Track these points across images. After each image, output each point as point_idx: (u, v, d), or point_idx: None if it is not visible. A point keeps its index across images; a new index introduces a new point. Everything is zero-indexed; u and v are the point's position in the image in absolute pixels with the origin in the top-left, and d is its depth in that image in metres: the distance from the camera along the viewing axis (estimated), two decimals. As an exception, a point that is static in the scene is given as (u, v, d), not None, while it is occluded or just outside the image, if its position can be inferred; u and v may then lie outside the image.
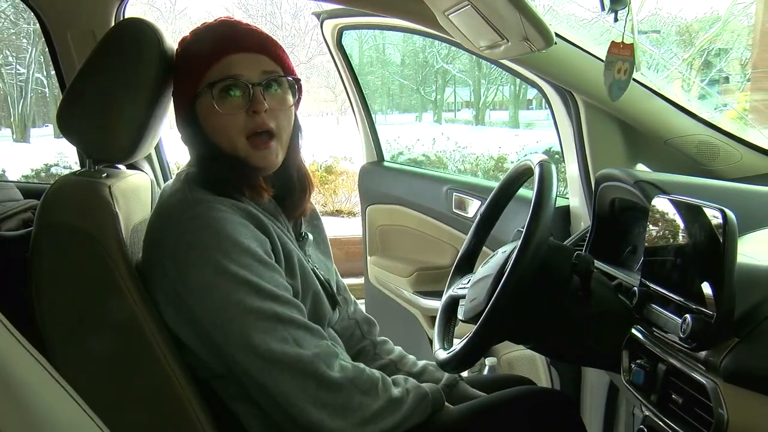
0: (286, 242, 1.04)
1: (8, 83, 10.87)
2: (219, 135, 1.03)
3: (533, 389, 1.23)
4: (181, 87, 1.06)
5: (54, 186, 1.00)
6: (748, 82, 8.58)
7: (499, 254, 1.10)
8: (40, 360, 0.57)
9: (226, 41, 1.03)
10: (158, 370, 0.96)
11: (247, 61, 1.02)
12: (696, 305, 0.84)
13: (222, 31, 1.05)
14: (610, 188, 1.24)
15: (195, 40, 1.07)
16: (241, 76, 1.01)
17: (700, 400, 0.83)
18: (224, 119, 1.01)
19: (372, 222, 2.30)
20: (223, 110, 1.00)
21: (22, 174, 6.84)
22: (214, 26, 1.07)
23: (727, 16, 8.63)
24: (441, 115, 11.91)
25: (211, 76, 1.01)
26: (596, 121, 1.52)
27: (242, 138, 1.01)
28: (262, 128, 1.01)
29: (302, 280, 1.05)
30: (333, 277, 1.21)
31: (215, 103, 1.00)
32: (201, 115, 1.04)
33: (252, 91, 1.00)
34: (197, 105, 1.03)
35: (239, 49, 1.02)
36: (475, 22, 1.11)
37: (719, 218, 0.80)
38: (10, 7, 10.17)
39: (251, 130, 1.01)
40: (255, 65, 1.02)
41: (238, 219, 0.97)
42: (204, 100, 1.02)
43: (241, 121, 1.01)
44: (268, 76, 1.03)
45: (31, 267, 0.96)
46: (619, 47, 1.19)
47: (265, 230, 1.00)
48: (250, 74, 1.01)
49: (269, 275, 0.95)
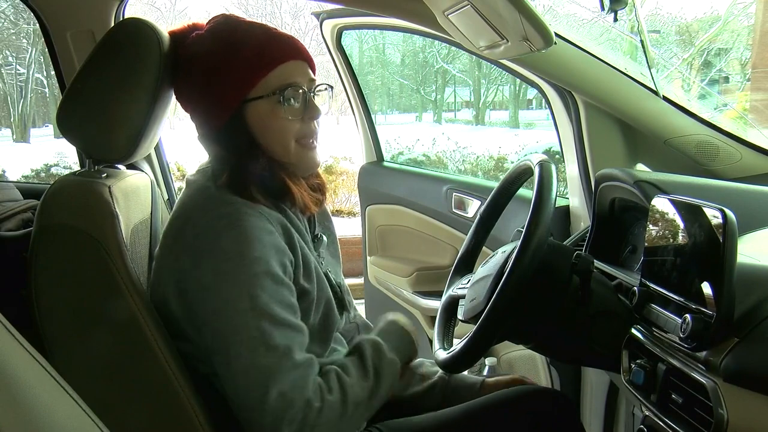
0: (304, 247, 1.04)
1: (8, 83, 10.88)
2: (273, 140, 1.04)
3: (531, 389, 1.23)
4: (228, 89, 1.03)
5: (54, 186, 1.00)
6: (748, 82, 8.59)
7: (498, 254, 1.10)
8: (40, 360, 0.57)
9: (284, 47, 1.04)
10: (158, 369, 0.96)
11: (300, 69, 1.05)
12: (696, 305, 0.84)
13: (272, 36, 1.05)
14: (610, 188, 1.24)
15: (241, 42, 1.03)
16: (300, 84, 1.03)
17: (700, 400, 0.83)
18: (283, 124, 1.03)
19: (372, 222, 2.30)
20: (285, 116, 1.02)
21: (22, 174, 6.85)
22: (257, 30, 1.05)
23: (727, 16, 8.64)
24: (441, 115, 11.92)
25: (272, 82, 1.02)
26: (596, 121, 1.52)
27: (294, 143, 1.04)
28: (313, 135, 1.06)
29: (318, 286, 1.05)
30: (343, 280, 1.21)
31: (281, 109, 1.02)
32: (253, 119, 1.03)
33: (308, 98, 1.04)
34: (248, 108, 1.03)
35: (294, 56, 1.04)
36: (475, 22, 1.11)
37: (719, 218, 0.80)
38: (10, 7, 10.17)
39: (304, 135, 1.05)
40: (305, 72, 1.05)
41: (264, 225, 0.97)
42: (259, 105, 1.02)
43: (297, 127, 1.04)
44: (314, 84, 1.06)
45: (31, 267, 0.95)
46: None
47: (290, 238, 1.01)
48: (303, 81, 1.04)
49: (274, 290, 0.94)
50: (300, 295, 1.01)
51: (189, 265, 0.96)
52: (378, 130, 2.35)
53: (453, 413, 1.11)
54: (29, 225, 1.10)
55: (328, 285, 1.09)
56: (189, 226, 0.98)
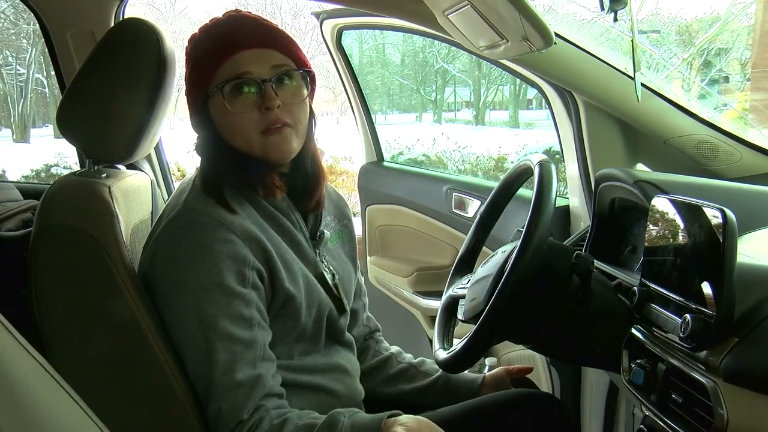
0: (287, 251, 1.03)
1: (8, 83, 10.88)
2: (233, 135, 1.01)
3: (528, 392, 1.23)
4: (193, 88, 1.04)
5: (53, 186, 1.00)
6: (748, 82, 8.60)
7: (498, 254, 1.10)
8: (40, 360, 0.57)
9: (233, 38, 1.01)
10: (157, 369, 0.96)
11: (256, 57, 1.00)
12: (696, 305, 0.84)
13: (228, 27, 1.03)
14: (609, 188, 1.24)
15: (203, 37, 1.05)
16: (251, 73, 0.99)
17: (700, 399, 0.83)
18: (237, 118, 1.00)
19: (372, 222, 2.30)
20: (235, 109, 0.99)
21: (22, 174, 6.84)
22: (220, 22, 1.05)
23: (727, 16, 8.63)
24: (441, 115, 11.91)
25: (221, 76, 1.00)
26: (596, 121, 1.52)
27: (257, 135, 1.00)
28: (276, 124, 1.00)
29: (307, 289, 1.04)
30: (350, 281, 1.18)
31: (227, 103, 0.99)
32: (214, 116, 1.02)
33: (263, 87, 0.99)
34: (210, 105, 1.02)
35: (247, 45, 1.00)
36: (475, 22, 1.11)
37: (719, 218, 0.80)
38: (10, 8, 10.17)
39: (266, 126, 1.00)
40: (264, 61, 1.01)
41: (221, 235, 0.95)
42: (216, 100, 1.01)
43: (255, 118, 1.00)
44: (279, 71, 1.01)
45: (31, 267, 0.96)
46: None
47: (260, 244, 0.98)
48: (260, 70, 1.00)
49: (223, 304, 0.94)
50: (286, 300, 1.01)
51: (151, 271, 0.99)
52: (378, 130, 2.35)
53: (450, 413, 1.11)
54: (29, 225, 1.10)
55: (322, 287, 1.07)
56: (158, 231, 1.00)
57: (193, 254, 0.95)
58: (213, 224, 0.96)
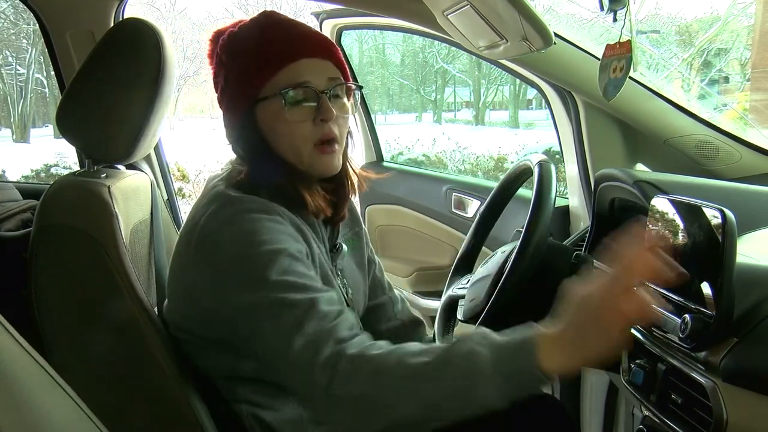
0: (321, 254, 1.00)
1: (8, 83, 10.88)
2: (284, 142, 0.98)
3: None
4: (241, 88, 0.99)
5: (53, 186, 1.00)
6: (748, 82, 8.60)
7: (498, 254, 1.10)
8: (39, 360, 0.57)
9: (298, 44, 0.97)
10: (157, 369, 0.96)
11: (315, 67, 0.97)
12: (695, 305, 0.84)
13: (289, 32, 0.99)
14: (609, 188, 1.24)
15: (255, 37, 0.99)
16: (310, 83, 0.96)
17: (700, 400, 0.83)
18: (292, 127, 0.96)
19: (371, 222, 2.30)
20: (292, 118, 0.96)
21: (22, 174, 6.85)
22: (274, 24, 1.00)
23: (727, 16, 8.64)
24: (441, 115, 11.92)
25: (281, 81, 0.96)
26: (596, 121, 1.53)
27: (309, 145, 0.97)
28: (328, 137, 0.97)
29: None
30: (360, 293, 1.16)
31: (285, 111, 0.96)
32: (263, 120, 0.98)
33: (321, 98, 0.96)
34: (258, 108, 0.98)
35: (310, 53, 0.97)
36: (474, 22, 1.11)
37: (719, 218, 0.80)
38: (9, 8, 10.17)
39: (319, 138, 0.97)
40: (322, 71, 0.98)
41: (273, 217, 0.92)
42: (270, 105, 0.97)
43: (309, 129, 0.96)
44: (334, 83, 0.99)
45: (30, 267, 0.96)
46: (615, 48, 1.17)
47: (305, 236, 0.96)
48: (318, 81, 0.97)
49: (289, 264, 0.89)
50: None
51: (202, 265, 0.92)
52: (378, 130, 2.35)
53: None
54: (29, 225, 1.10)
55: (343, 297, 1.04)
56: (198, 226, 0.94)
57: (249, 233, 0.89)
58: (264, 209, 0.93)
